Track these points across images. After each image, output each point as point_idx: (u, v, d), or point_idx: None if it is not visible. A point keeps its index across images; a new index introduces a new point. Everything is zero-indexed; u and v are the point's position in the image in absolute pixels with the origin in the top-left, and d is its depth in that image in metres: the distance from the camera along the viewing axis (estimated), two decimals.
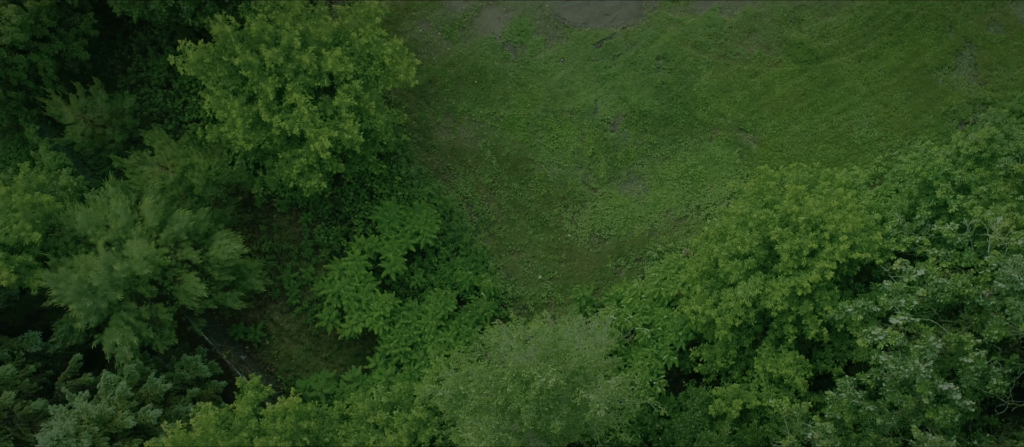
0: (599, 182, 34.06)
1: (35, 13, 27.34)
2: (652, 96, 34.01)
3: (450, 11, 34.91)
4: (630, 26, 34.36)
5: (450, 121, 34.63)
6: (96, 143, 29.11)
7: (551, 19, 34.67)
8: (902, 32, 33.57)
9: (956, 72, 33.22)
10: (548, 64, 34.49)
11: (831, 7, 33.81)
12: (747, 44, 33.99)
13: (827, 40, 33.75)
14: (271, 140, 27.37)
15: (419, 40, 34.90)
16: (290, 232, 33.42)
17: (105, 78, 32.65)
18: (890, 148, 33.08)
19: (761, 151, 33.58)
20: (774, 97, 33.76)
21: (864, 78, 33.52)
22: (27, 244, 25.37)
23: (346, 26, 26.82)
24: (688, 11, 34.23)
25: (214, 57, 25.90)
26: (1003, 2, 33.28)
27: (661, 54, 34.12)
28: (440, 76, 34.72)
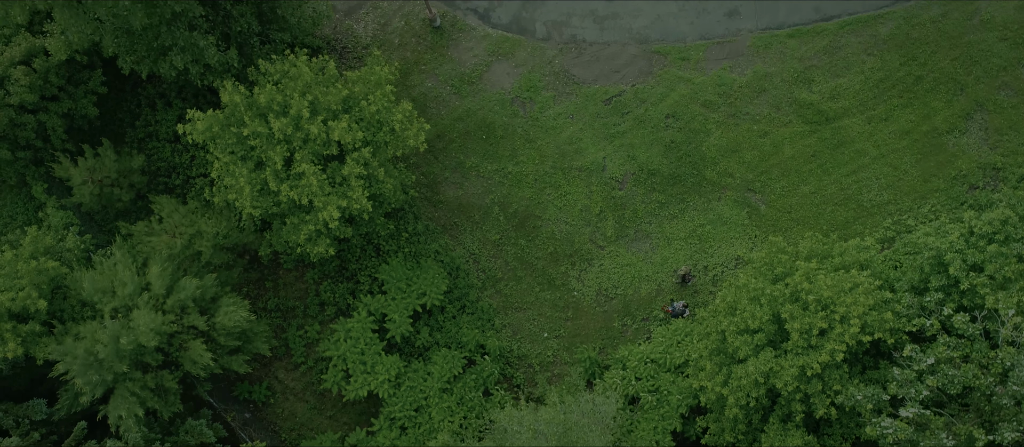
0: (606, 240, 33.72)
1: (44, 73, 27.10)
2: (661, 154, 33.68)
3: (459, 65, 34.62)
4: (640, 84, 34.05)
5: (458, 176, 34.32)
6: (104, 201, 28.85)
7: (561, 75, 34.36)
8: (913, 94, 33.21)
9: (967, 136, 32.85)
10: (557, 120, 34.18)
11: (841, 68, 33.47)
12: (757, 104, 33.66)
13: (837, 101, 33.41)
14: (278, 205, 27.11)
15: (428, 94, 34.62)
16: (296, 288, 33.13)
17: (113, 132, 32.40)
18: (899, 211, 32.71)
19: (770, 212, 33.23)
20: (783, 157, 33.41)
21: (874, 140, 33.16)
22: (33, 312, 25.10)
23: (356, 94, 26.55)
24: (698, 70, 33.91)
25: (222, 125, 25.66)
26: (1015, 67, 32.91)
27: (670, 112, 33.79)
28: (449, 131, 34.42)
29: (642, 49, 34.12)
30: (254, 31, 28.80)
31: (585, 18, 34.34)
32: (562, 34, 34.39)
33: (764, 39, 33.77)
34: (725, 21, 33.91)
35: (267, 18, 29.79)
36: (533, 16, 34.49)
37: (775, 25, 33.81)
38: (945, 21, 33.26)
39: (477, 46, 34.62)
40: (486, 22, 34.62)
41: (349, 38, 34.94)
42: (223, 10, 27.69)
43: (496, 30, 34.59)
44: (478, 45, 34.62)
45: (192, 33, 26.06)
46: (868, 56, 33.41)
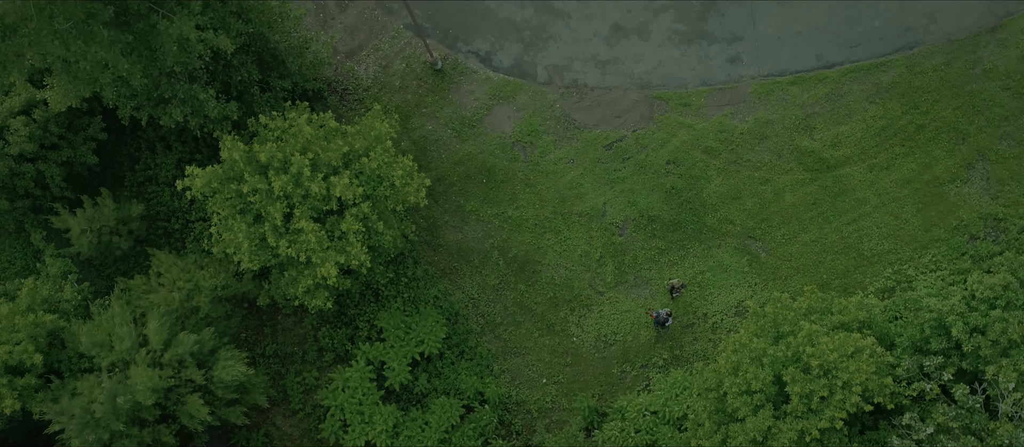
0: (606, 286, 33.49)
1: (43, 123, 26.89)
2: (661, 201, 33.45)
3: (460, 109, 34.40)
4: (641, 129, 33.82)
5: (458, 220, 34.10)
6: (102, 250, 28.66)
7: (562, 120, 34.14)
8: (914, 143, 32.98)
9: (968, 186, 32.62)
10: (557, 165, 33.95)
11: (843, 116, 33.24)
12: (758, 151, 33.43)
13: (838, 149, 33.18)
14: (276, 257, 26.93)
15: (428, 137, 34.40)
16: (295, 334, 32.91)
17: (112, 175, 32.18)
18: (900, 261, 32.47)
19: (770, 260, 32.99)
20: (784, 205, 33.18)
21: (875, 189, 32.92)
22: (29, 366, 24.90)
23: (356, 150, 26.35)
24: (699, 116, 33.67)
25: (222, 180, 25.47)
26: (1017, 117, 32.68)
27: (671, 158, 33.57)
28: (449, 174, 34.20)
29: (643, 94, 33.91)
30: (254, 80, 28.61)
31: (587, 63, 34.13)
32: (564, 78, 34.18)
33: (766, 86, 33.55)
34: (727, 67, 33.69)
35: (268, 65, 29.60)
36: (535, 60, 34.27)
37: (777, 72, 33.59)
38: (947, 70, 33.03)
39: (478, 89, 34.40)
40: (487, 65, 34.41)
41: (350, 80, 34.73)
42: (223, 60, 27.50)
43: (497, 74, 34.36)
44: (479, 88, 34.40)
45: (192, 85, 25.85)
46: (870, 104, 33.19)
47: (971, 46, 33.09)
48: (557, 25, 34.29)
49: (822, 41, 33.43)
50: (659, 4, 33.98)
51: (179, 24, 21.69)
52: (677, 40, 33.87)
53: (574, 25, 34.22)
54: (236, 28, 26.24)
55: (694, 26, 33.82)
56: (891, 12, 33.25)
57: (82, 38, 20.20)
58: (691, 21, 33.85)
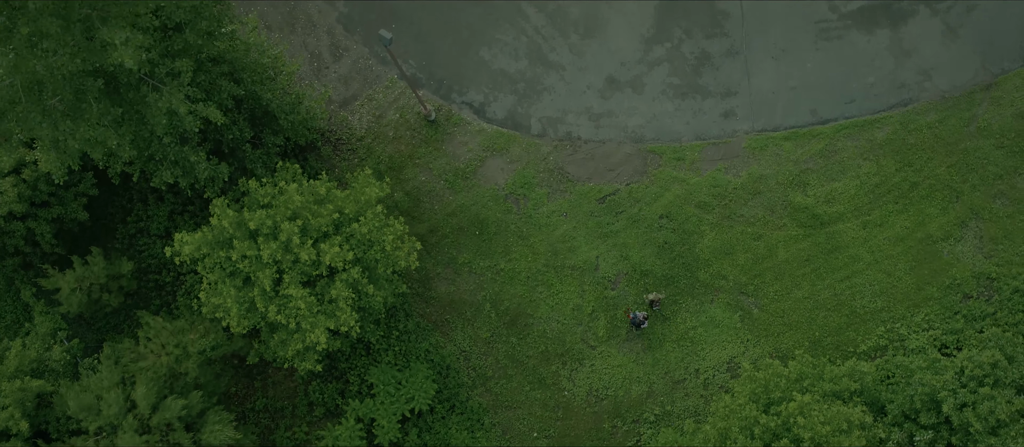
0: (598, 340, 33.31)
1: (33, 183, 26.74)
2: (654, 255, 33.28)
3: (454, 160, 34.24)
4: (634, 183, 33.66)
5: (450, 272, 33.92)
6: (92, 308, 28.49)
7: (555, 172, 33.99)
8: (908, 201, 32.83)
9: (961, 244, 32.46)
10: (550, 218, 33.79)
11: (837, 172, 33.10)
12: (751, 206, 33.27)
13: (832, 205, 33.03)
14: (266, 318, 26.77)
15: (421, 188, 34.24)
16: (285, 387, 32.73)
17: (104, 227, 32.00)
18: (892, 319, 32.29)
19: (762, 316, 32.81)
20: (777, 261, 33.01)
21: (868, 246, 32.75)
22: (15, 431, 24.72)
23: (347, 215, 26.18)
24: (693, 170, 33.52)
25: (211, 246, 25.30)
26: (1011, 175, 32.55)
27: (665, 213, 33.41)
28: (441, 226, 34.03)
29: (637, 148, 33.76)
30: (246, 137, 28.46)
31: (580, 115, 33.99)
32: (557, 131, 34.04)
33: (760, 141, 33.42)
34: (721, 122, 33.56)
35: (260, 122, 29.44)
36: (528, 112, 34.14)
37: (771, 127, 33.46)
38: (941, 127, 32.91)
39: (472, 141, 34.25)
40: (481, 117, 34.27)
41: (344, 129, 34.59)
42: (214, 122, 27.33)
43: (491, 125, 34.21)
44: (473, 140, 34.25)
45: (183, 146, 25.71)
46: (864, 161, 33.05)
47: (965, 104, 32.97)
48: (551, 77, 34.17)
49: (816, 97, 33.31)
50: (653, 57, 33.86)
51: (168, 97, 21.55)
52: (671, 94, 33.74)
53: (568, 77, 34.10)
54: (228, 90, 26.10)
55: (688, 80, 33.71)
56: (886, 69, 33.14)
57: (70, 117, 20.06)
58: (685, 75, 33.74)
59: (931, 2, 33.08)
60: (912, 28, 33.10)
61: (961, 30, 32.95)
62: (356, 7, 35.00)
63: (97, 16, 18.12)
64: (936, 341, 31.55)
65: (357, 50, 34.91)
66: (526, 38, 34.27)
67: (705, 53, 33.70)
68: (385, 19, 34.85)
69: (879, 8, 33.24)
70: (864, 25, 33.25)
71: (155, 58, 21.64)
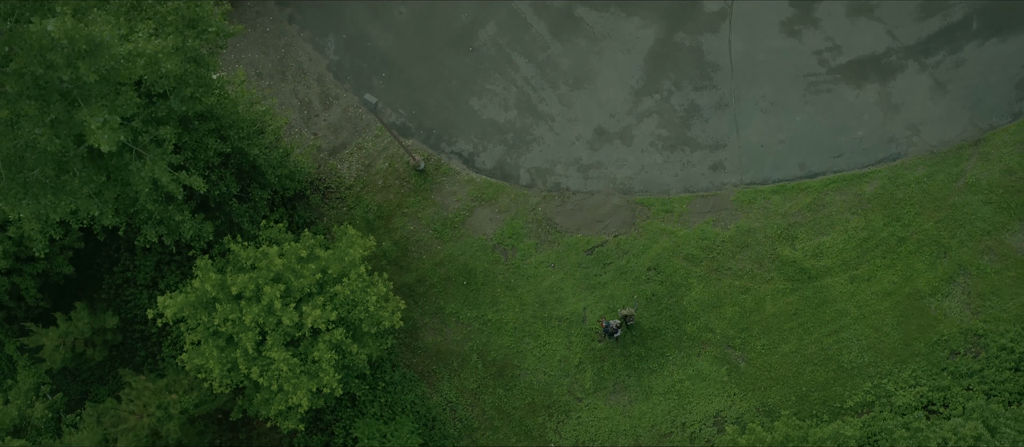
0: (585, 392, 33.18)
1: (18, 239, 26.71)
2: (641, 307, 33.16)
3: (442, 210, 34.21)
4: (622, 235, 33.62)
5: (437, 322, 33.84)
6: (76, 361, 28.41)
7: (543, 223, 33.94)
8: (896, 256, 32.75)
9: (949, 300, 32.35)
10: (538, 269, 33.72)
11: (825, 226, 33.04)
12: (739, 259, 33.20)
13: (820, 259, 32.95)
14: (249, 378, 26.69)
15: (409, 238, 34.20)
16: (270, 439, 32.56)
17: (90, 278, 31.95)
18: (879, 374, 32.16)
19: (750, 370, 32.69)
20: (764, 315, 32.91)
21: (856, 300, 32.65)
22: None
23: (330, 276, 26.14)
24: (681, 222, 33.48)
25: (193, 307, 25.25)
26: (998, 232, 32.48)
27: (652, 265, 33.34)
28: (429, 275, 33.96)
29: (626, 200, 33.73)
30: (233, 193, 28.43)
31: (569, 166, 33.97)
32: (546, 182, 34.01)
33: (748, 194, 33.38)
34: (709, 174, 33.53)
35: (247, 176, 29.42)
36: (517, 162, 34.12)
37: (759, 180, 33.42)
38: (930, 182, 32.86)
39: (460, 190, 34.23)
40: (470, 167, 34.24)
41: (333, 178, 34.56)
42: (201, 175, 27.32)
43: (480, 175, 34.20)
44: (462, 189, 34.22)
45: (168, 206, 25.68)
46: (852, 215, 32.99)
47: (954, 159, 32.94)
48: (540, 128, 34.17)
49: (805, 150, 33.30)
50: (642, 109, 33.86)
51: (151, 166, 21.54)
52: (660, 146, 33.73)
53: (557, 128, 34.10)
54: (214, 148, 26.08)
55: (677, 132, 33.69)
56: (874, 123, 33.13)
57: (52, 190, 20.03)
58: (674, 127, 33.73)
59: (920, 57, 33.10)
60: (901, 83, 33.10)
61: (950, 85, 32.96)
62: (347, 55, 35.04)
63: (78, 94, 18.12)
64: (923, 398, 31.41)
65: (347, 98, 34.94)
66: (516, 88, 34.28)
67: (694, 105, 33.70)
68: (375, 67, 34.90)
69: (868, 62, 33.25)
70: (853, 79, 33.26)
71: (138, 126, 21.63)
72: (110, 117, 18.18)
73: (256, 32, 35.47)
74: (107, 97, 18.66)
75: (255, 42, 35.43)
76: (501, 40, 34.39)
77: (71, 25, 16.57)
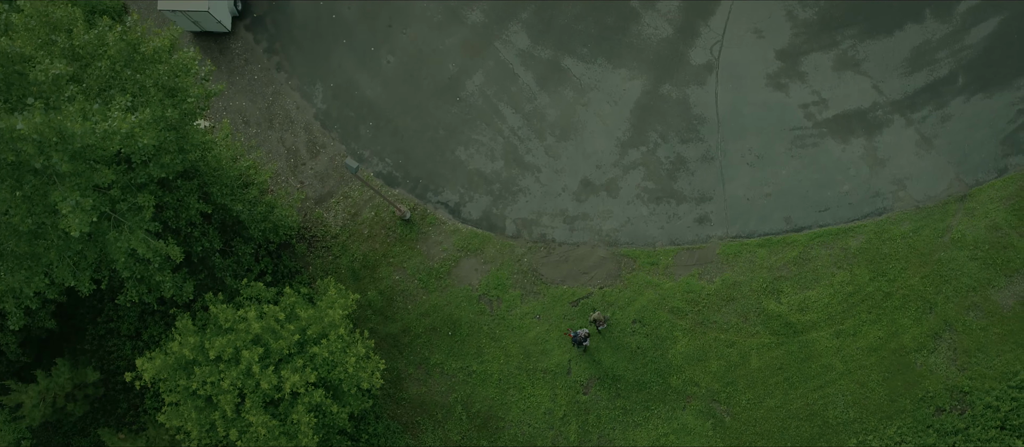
0: (569, 445, 32.90)
1: None
2: (626, 360, 32.98)
3: (428, 259, 34.05)
4: (608, 287, 33.43)
5: (422, 373, 33.63)
6: (57, 416, 28.22)
7: (529, 274, 33.77)
8: (882, 311, 32.53)
9: (935, 356, 32.13)
10: (523, 320, 33.53)
11: (811, 280, 32.85)
12: (725, 313, 33.00)
13: (805, 314, 32.74)
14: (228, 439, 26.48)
15: (395, 287, 34.03)
16: None
17: (73, 328, 31.82)
18: (864, 431, 31.90)
19: (734, 425, 32.43)
20: (750, 369, 32.69)
21: (841, 355, 32.43)
22: None
23: (309, 337, 25.97)
24: (667, 275, 33.30)
25: (172, 369, 25.08)
26: (984, 288, 32.26)
27: (637, 317, 33.14)
28: (414, 326, 33.77)
29: (611, 252, 33.57)
30: (215, 248, 28.30)
31: (555, 218, 33.83)
32: (532, 233, 33.87)
33: (734, 247, 33.21)
34: (695, 227, 33.38)
35: (230, 230, 29.30)
36: (503, 213, 33.98)
37: (745, 233, 33.27)
38: (916, 237, 32.69)
39: (446, 240, 34.08)
40: (456, 217, 34.11)
41: (319, 227, 34.44)
42: (183, 233, 27.22)
43: (466, 225, 34.06)
44: (447, 239, 34.08)
45: (148, 266, 25.52)
46: (838, 269, 32.81)
47: (940, 214, 32.78)
48: (527, 179, 34.06)
49: (791, 204, 33.15)
50: (629, 161, 33.75)
51: (128, 236, 21.40)
52: (646, 198, 33.59)
53: (544, 179, 33.98)
54: (196, 208, 25.97)
55: (663, 184, 33.57)
56: (860, 177, 32.99)
57: (26, 265, 19.90)
58: (660, 179, 33.61)
59: (906, 112, 33.00)
60: (887, 137, 32.98)
61: (936, 141, 32.84)
62: (334, 104, 34.98)
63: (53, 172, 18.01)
64: None
65: (334, 147, 34.84)
66: (502, 139, 34.20)
67: (680, 158, 33.59)
68: (363, 116, 34.83)
69: (854, 117, 33.15)
70: (839, 133, 33.15)
71: (116, 194, 21.50)
72: (82, 199, 18.06)
73: (244, 80, 35.43)
74: (82, 175, 18.57)
75: (243, 90, 35.38)
76: (488, 90, 34.35)
77: (41, 120, 16.47)
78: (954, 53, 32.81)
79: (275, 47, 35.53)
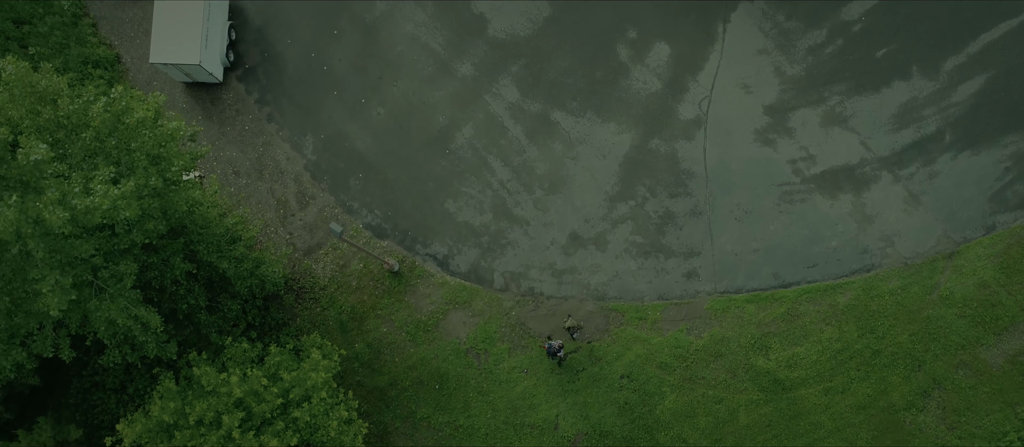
0: None
1: None
2: (614, 415, 32.70)
3: (416, 312, 33.87)
4: (595, 341, 33.24)
5: (409, 427, 33.32)
6: None
7: (517, 328, 33.56)
8: (870, 368, 32.29)
9: (924, 414, 31.85)
10: (511, 374, 33.28)
11: (799, 336, 32.63)
12: (713, 369, 32.77)
13: (794, 370, 32.51)
14: None
15: (383, 340, 33.82)
16: None
17: (57, 382, 31.56)
18: None
19: None
20: (738, 426, 32.39)
21: (830, 413, 32.14)
22: None
23: (292, 399, 25.75)
24: (655, 330, 33.10)
25: (152, 433, 24.85)
26: (973, 346, 32.05)
27: (626, 373, 32.91)
28: (401, 379, 33.53)
29: (599, 306, 33.40)
30: (201, 305, 28.15)
31: (543, 271, 33.69)
32: (520, 286, 33.71)
33: (722, 303, 33.03)
34: (683, 282, 33.24)
35: (216, 286, 29.16)
36: (492, 266, 33.85)
37: (733, 289, 33.10)
38: (904, 294, 32.52)
39: (434, 293, 33.92)
40: (445, 269, 33.98)
41: (307, 278, 34.29)
42: (168, 292, 27.08)
43: (454, 278, 33.91)
44: (436, 292, 33.92)
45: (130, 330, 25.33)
46: (826, 326, 32.60)
47: (928, 271, 32.62)
48: (515, 232, 33.97)
49: (779, 260, 33.02)
50: (617, 215, 33.66)
51: (108, 306, 21.24)
52: (634, 252, 33.48)
53: (532, 233, 33.88)
54: (181, 268, 25.84)
55: (652, 239, 33.46)
56: (848, 234, 32.87)
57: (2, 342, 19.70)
58: (649, 233, 33.51)
59: (894, 169, 32.97)
60: (875, 194, 32.91)
61: (923, 197, 32.78)
62: (324, 155, 34.97)
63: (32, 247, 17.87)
64: None
65: (323, 198, 34.78)
66: (491, 191, 34.15)
67: (669, 212, 33.52)
68: (353, 168, 34.80)
69: (842, 173, 33.11)
70: (827, 189, 33.10)
71: (98, 262, 21.39)
72: (61, 278, 17.94)
73: (235, 130, 35.46)
74: (61, 251, 18.46)
75: (234, 140, 35.39)
76: (478, 143, 34.36)
77: (16, 216, 16.32)
78: (941, 110, 32.85)
79: (266, 98, 35.60)
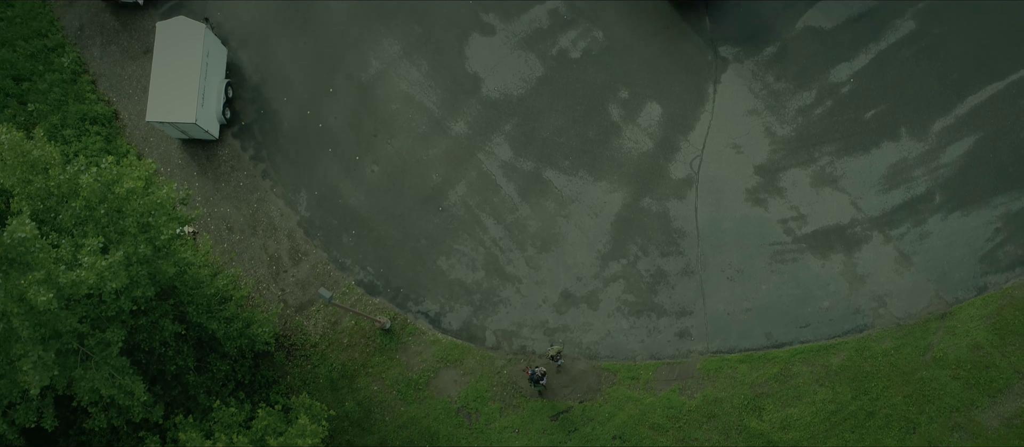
0: None
1: None
2: None
3: (407, 370, 33.61)
4: (588, 401, 32.91)
5: None
6: None
7: (508, 387, 33.27)
8: (865, 430, 31.92)
9: None
10: (502, 434, 32.90)
11: (792, 397, 32.34)
12: (706, 429, 32.42)
13: (788, 432, 32.14)
14: None
15: (373, 399, 33.51)
16: None
17: (43, 441, 31.17)
18: None
19: None
20: None
21: None
22: None
23: None
24: (647, 390, 32.82)
25: None
26: (967, 408, 31.74)
27: (618, 433, 32.54)
28: (391, 438, 33.14)
29: (591, 365, 33.14)
30: (190, 366, 27.95)
31: (535, 329, 33.51)
32: (512, 344, 33.50)
33: (715, 363, 32.81)
34: (676, 341, 33.03)
35: (206, 347, 28.99)
36: (484, 324, 33.67)
37: (726, 349, 32.90)
38: (897, 355, 32.28)
39: (426, 351, 33.70)
40: (436, 327, 33.80)
41: (298, 335, 34.11)
42: (157, 353, 26.90)
43: (446, 336, 33.70)
44: (427, 350, 33.70)
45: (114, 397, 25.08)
46: (820, 387, 32.32)
47: (921, 332, 32.43)
48: (507, 290, 33.85)
49: (771, 320, 32.84)
50: (609, 274, 33.58)
51: (92, 375, 21.08)
52: (626, 311, 33.33)
53: (524, 291, 33.77)
54: (170, 330, 25.69)
55: (644, 298, 33.33)
56: (840, 294, 32.75)
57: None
58: (641, 292, 33.39)
59: (884, 229, 32.98)
60: (866, 254, 32.87)
61: (915, 258, 32.73)
62: (318, 212, 35.01)
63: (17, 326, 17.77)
64: None
65: (316, 254, 34.74)
66: (484, 249, 34.12)
67: (661, 271, 33.44)
68: (346, 224, 34.81)
69: (833, 233, 33.11)
70: (818, 249, 33.07)
71: (85, 329, 21.28)
72: (44, 354, 17.83)
73: (230, 186, 35.53)
74: (46, 326, 18.34)
75: (228, 196, 35.45)
76: (470, 201, 34.41)
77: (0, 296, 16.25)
78: (930, 171, 32.97)
79: (261, 154, 35.74)
